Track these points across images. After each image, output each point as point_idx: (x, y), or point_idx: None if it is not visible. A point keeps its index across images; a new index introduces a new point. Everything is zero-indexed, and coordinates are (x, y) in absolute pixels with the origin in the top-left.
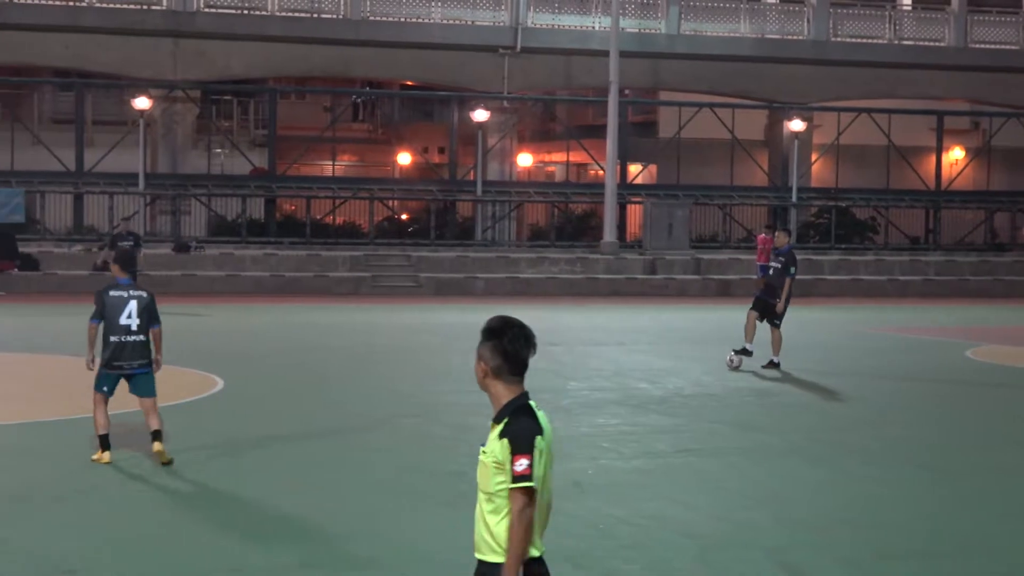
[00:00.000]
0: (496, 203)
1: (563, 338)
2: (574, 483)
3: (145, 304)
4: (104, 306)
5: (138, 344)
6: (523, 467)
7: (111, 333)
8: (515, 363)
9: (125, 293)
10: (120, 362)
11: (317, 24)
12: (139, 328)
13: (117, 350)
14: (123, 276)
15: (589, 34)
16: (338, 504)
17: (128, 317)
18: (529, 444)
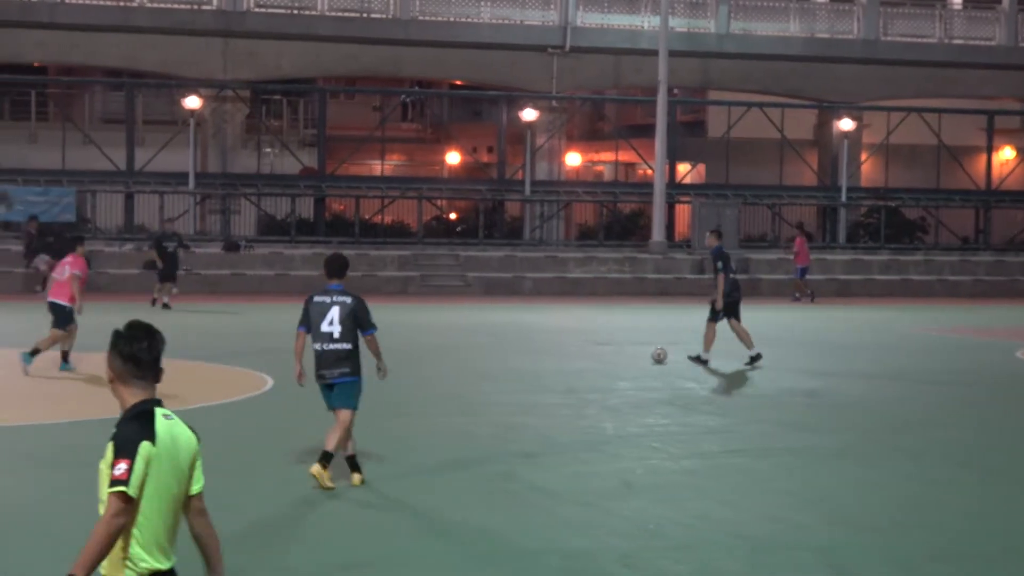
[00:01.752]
0: (544, 202)
1: (612, 338)
2: (624, 483)
3: (349, 310)
4: (308, 313)
5: (341, 352)
6: (121, 471)
7: (314, 341)
8: (137, 367)
9: (329, 299)
10: (322, 371)
11: (367, 24)
12: (341, 336)
13: (319, 359)
14: (332, 281)
15: (638, 33)
16: (380, 499)
17: (329, 324)
18: (131, 448)
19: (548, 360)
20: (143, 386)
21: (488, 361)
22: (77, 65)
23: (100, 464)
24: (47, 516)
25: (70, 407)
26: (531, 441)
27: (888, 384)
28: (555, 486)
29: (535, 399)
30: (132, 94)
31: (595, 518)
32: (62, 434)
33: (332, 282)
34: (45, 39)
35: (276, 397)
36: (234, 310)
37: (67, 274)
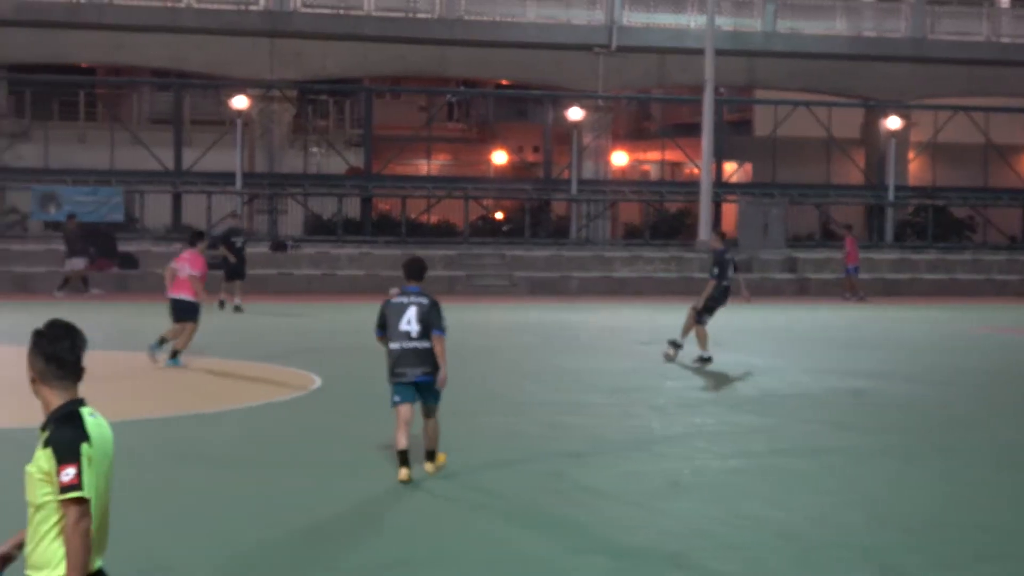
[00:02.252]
0: (591, 202)
1: (658, 337)
2: (671, 482)
3: (425, 310)
4: (384, 315)
5: (420, 351)
6: (70, 476)
7: (391, 340)
8: (60, 367)
9: (406, 299)
10: (402, 369)
11: (413, 24)
12: (419, 335)
13: (398, 358)
14: (410, 283)
15: (684, 32)
16: (427, 499)
17: (407, 323)
18: (74, 452)
19: (594, 359)
20: (66, 386)
21: (534, 361)
22: (125, 66)
23: (28, 468)
24: None
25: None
26: (578, 440)
27: (935, 384)
28: (602, 485)
29: (581, 398)
30: (180, 94)
31: (643, 518)
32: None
33: (410, 284)
34: (93, 40)
35: (324, 396)
36: (281, 310)
37: (186, 272)
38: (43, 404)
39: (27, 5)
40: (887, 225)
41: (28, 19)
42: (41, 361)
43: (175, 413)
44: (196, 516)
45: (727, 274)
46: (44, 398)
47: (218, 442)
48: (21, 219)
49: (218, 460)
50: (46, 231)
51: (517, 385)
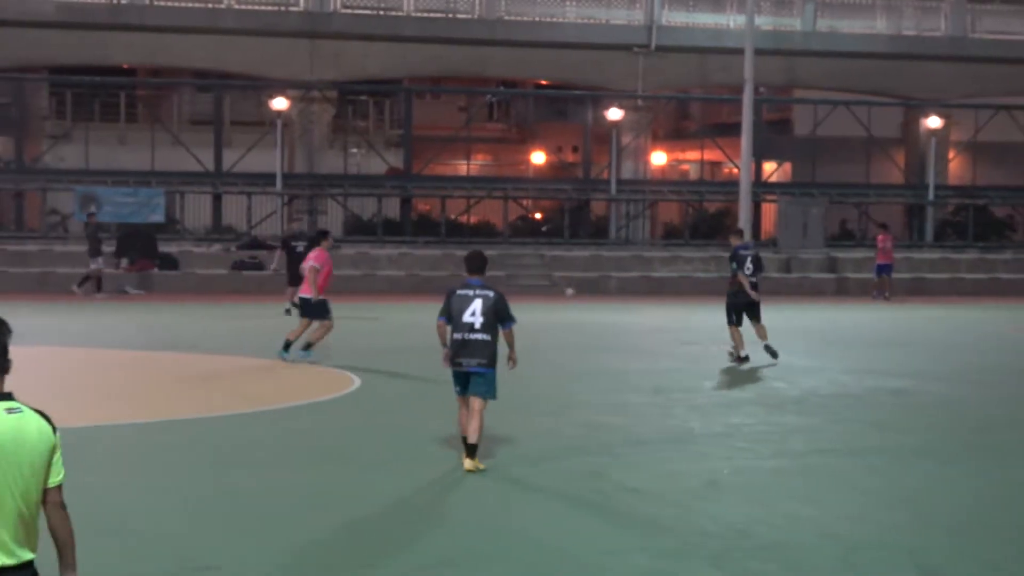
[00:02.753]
0: (630, 202)
1: (697, 337)
2: (711, 482)
3: (492, 303)
4: (450, 304)
5: (479, 343)
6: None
7: (454, 331)
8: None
9: (471, 292)
10: (461, 359)
11: (452, 24)
12: (482, 327)
13: (459, 347)
14: (473, 276)
15: (724, 32)
16: (470, 499)
17: (471, 315)
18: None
19: (634, 360)
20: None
21: (574, 361)
22: (165, 67)
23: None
24: (125, 515)
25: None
26: (618, 440)
27: (975, 383)
28: (642, 485)
29: (621, 398)
30: (220, 95)
31: (683, 517)
32: (144, 433)
33: (473, 277)
34: (134, 41)
35: (363, 396)
36: None
37: (309, 267)
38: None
39: (68, 7)
40: (927, 225)
41: (69, 21)
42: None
43: (216, 414)
44: (240, 516)
45: (746, 268)
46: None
47: (258, 442)
48: (62, 220)
49: (259, 460)
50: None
51: (557, 385)
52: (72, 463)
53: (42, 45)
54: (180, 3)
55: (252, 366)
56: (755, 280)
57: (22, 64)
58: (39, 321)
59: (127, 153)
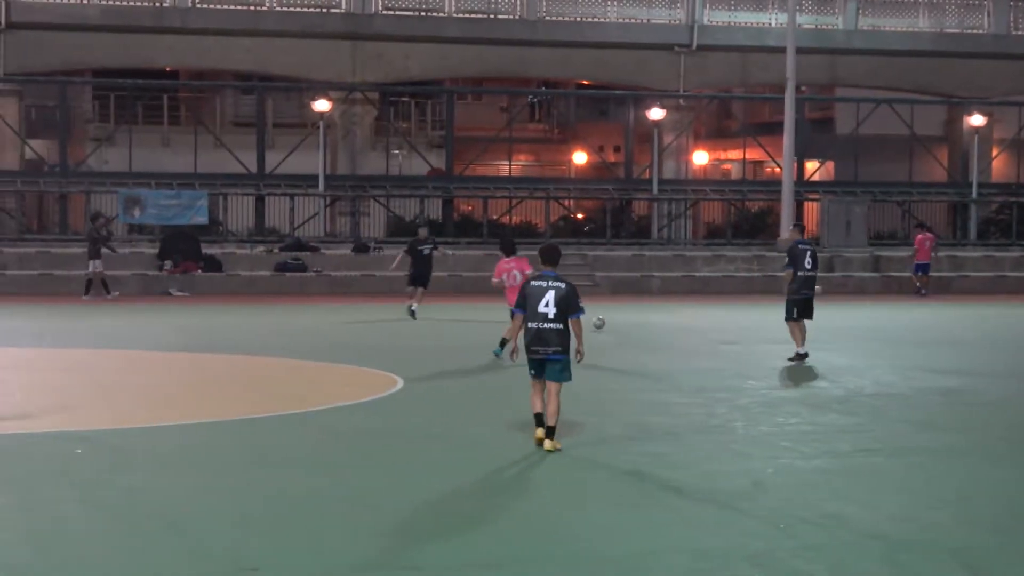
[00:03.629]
0: (672, 201)
1: (740, 337)
2: (754, 482)
3: (564, 294)
4: (525, 296)
5: (553, 331)
6: None
7: (529, 320)
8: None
9: (545, 283)
10: (537, 347)
11: (493, 25)
12: (555, 316)
13: (535, 336)
14: (547, 268)
15: (765, 31)
16: (511, 500)
17: (545, 306)
18: None
19: (677, 359)
20: None
21: (616, 360)
22: (208, 69)
23: None
24: (174, 517)
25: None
26: (660, 440)
27: (1022, 382)
28: (685, 485)
29: (664, 398)
30: (262, 97)
31: (725, 517)
32: (190, 435)
33: (547, 268)
34: (177, 44)
35: (406, 397)
36: (365, 312)
37: (519, 279)
38: None
39: (112, 10)
40: (970, 223)
41: (113, 24)
42: None
43: (259, 415)
44: (287, 516)
45: (803, 265)
46: None
47: (304, 443)
48: (106, 223)
49: (305, 461)
50: (131, 235)
51: (599, 385)
52: (119, 465)
53: (86, 48)
54: (222, 5)
55: (296, 367)
56: (814, 276)
57: (67, 67)
58: (83, 324)
59: (170, 155)
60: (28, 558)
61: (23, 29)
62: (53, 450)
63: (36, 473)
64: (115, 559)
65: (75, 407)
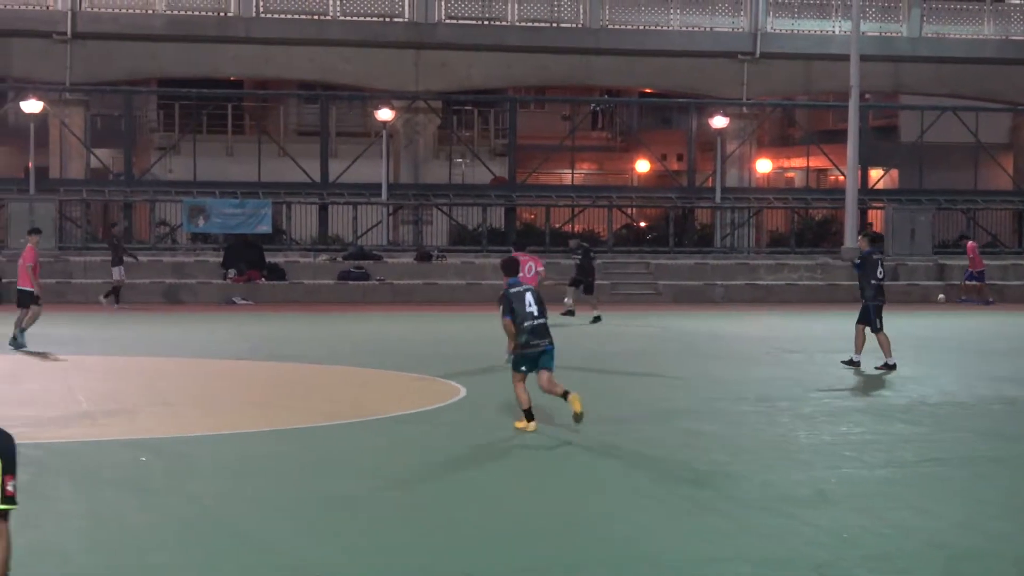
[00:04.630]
0: (735, 209)
1: (804, 346)
2: (817, 492)
3: (538, 295)
4: (511, 302)
5: (544, 326)
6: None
7: (522, 321)
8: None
9: (521, 288)
10: (536, 340)
11: (556, 33)
12: (540, 312)
13: (532, 333)
14: (513, 277)
15: (829, 38)
16: (569, 506)
17: (530, 306)
18: None
19: (739, 368)
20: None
21: (678, 368)
22: (272, 78)
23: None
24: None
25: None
26: (721, 449)
27: None
28: (746, 494)
29: (725, 407)
30: (326, 106)
31: (787, 527)
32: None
33: (511, 277)
34: (241, 53)
35: (468, 406)
36: (426, 321)
37: (534, 271)
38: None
39: (177, 20)
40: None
41: (178, 34)
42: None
43: (322, 423)
44: (349, 524)
45: (876, 272)
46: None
47: (364, 451)
48: (171, 232)
49: (366, 469)
50: (195, 243)
51: (659, 393)
52: (184, 473)
53: (151, 58)
54: (286, 15)
55: (359, 376)
56: (883, 284)
57: (132, 77)
58: (145, 332)
59: (234, 165)
60: (93, 567)
61: (90, 39)
62: (118, 458)
63: (101, 481)
64: (180, 568)
65: (139, 415)
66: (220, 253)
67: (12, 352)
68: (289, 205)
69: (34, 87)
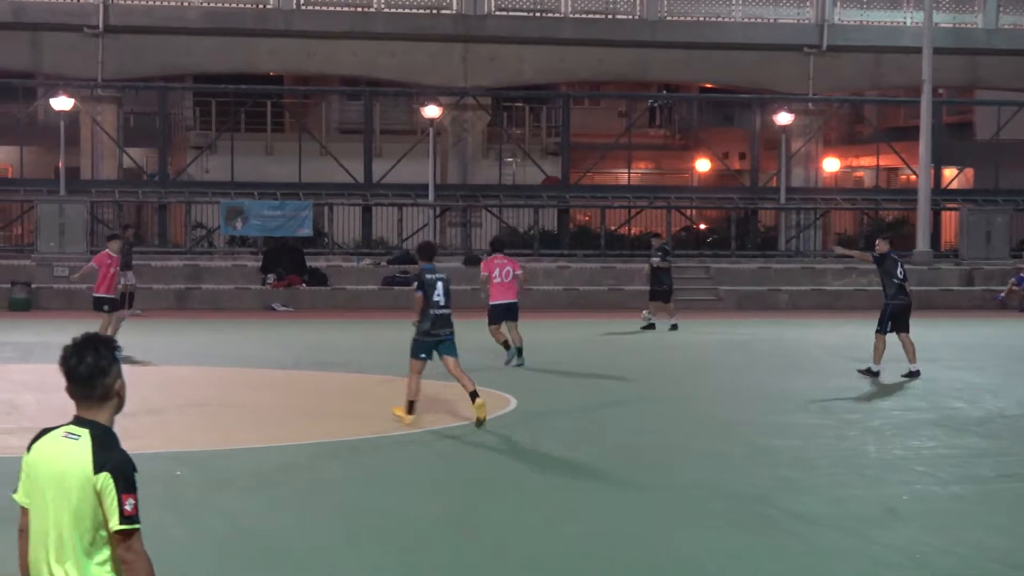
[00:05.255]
0: (800, 211)
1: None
2: (888, 509)
3: (447, 284)
4: (424, 284)
5: (450, 316)
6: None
7: (430, 309)
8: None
9: (435, 276)
10: (438, 330)
11: (612, 26)
12: (446, 303)
13: (435, 321)
14: (427, 263)
15: (900, 30)
16: (628, 523)
17: (439, 295)
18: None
19: (805, 378)
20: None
21: (740, 379)
22: (313, 74)
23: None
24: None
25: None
26: (787, 464)
27: None
28: (813, 512)
29: (791, 419)
30: (370, 103)
31: (857, 546)
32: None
33: (426, 263)
34: (280, 48)
35: (518, 417)
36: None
37: (511, 276)
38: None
39: (214, 13)
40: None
41: (215, 27)
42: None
43: (364, 435)
44: (385, 539)
45: (898, 273)
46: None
47: (407, 464)
48: (207, 234)
49: (407, 482)
50: (232, 246)
51: (722, 404)
52: (221, 487)
53: (187, 53)
54: (328, 7)
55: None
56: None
57: (166, 73)
58: (181, 339)
59: (274, 164)
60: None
61: (122, 33)
62: (153, 471)
63: None
64: None
65: (174, 426)
66: (259, 257)
67: (40, 362)
68: (331, 207)
69: (65, 83)
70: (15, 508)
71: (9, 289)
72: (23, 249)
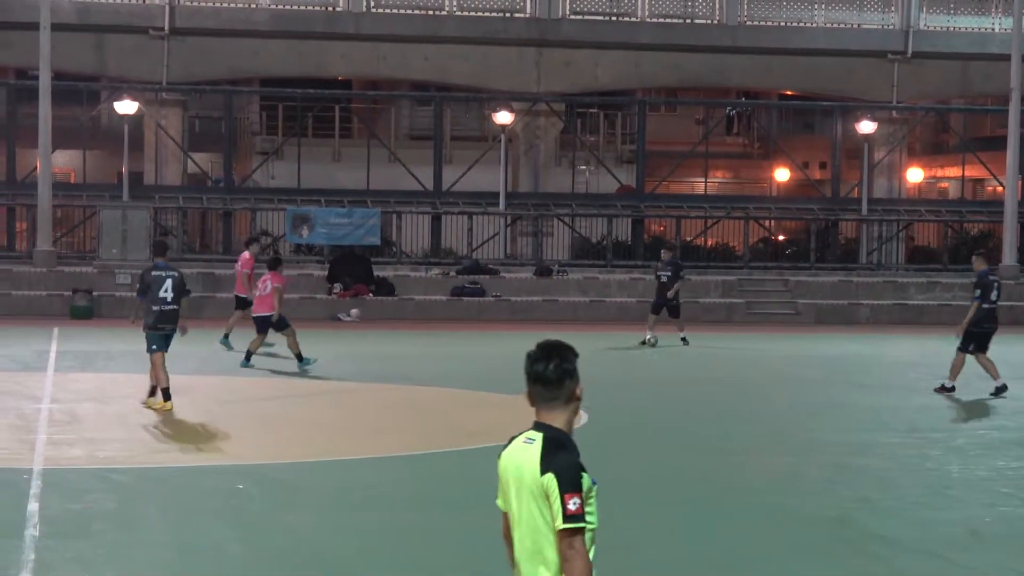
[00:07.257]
0: (883, 222)
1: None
2: (971, 532)
3: (178, 281)
4: (147, 283)
5: (175, 312)
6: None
7: (152, 304)
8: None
9: (163, 273)
10: (162, 324)
11: (690, 30)
12: (173, 300)
13: (159, 317)
14: (160, 260)
15: (988, 36)
16: (697, 547)
17: (165, 291)
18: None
19: (886, 395)
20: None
21: (820, 396)
22: (382, 78)
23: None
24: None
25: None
26: (867, 484)
27: None
28: (895, 534)
29: (872, 438)
30: (440, 108)
31: (939, 570)
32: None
33: (161, 260)
34: (350, 51)
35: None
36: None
37: (269, 288)
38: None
39: (282, 15)
40: None
41: (283, 30)
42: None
43: (429, 450)
44: (445, 559)
45: (990, 297)
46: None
47: (471, 482)
48: (273, 242)
49: (470, 501)
50: (298, 255)
51: (801, 423)
52: (282, 502)
53: (254, 56)
54: (399, 10)
55: (472, 399)
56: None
57: (233, 76)
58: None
59: (341, 171)
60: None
61: (188, 35)
62: (213, 485)
63: (195, 510)
64: None
65: (236, 439)
66: (325, 266)
67: (101, 371)
68: (399, 215)
69: (129, 87)
70: (74, 519)
71: (71, 296)
72: (85, 256)
